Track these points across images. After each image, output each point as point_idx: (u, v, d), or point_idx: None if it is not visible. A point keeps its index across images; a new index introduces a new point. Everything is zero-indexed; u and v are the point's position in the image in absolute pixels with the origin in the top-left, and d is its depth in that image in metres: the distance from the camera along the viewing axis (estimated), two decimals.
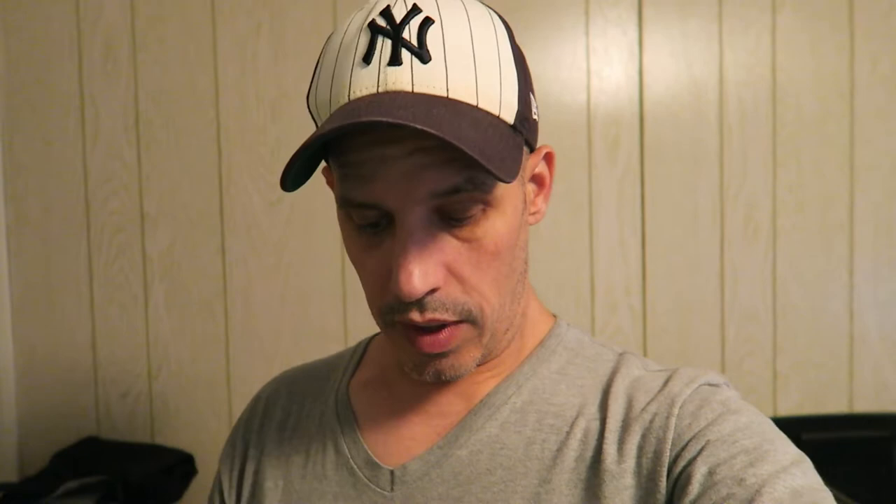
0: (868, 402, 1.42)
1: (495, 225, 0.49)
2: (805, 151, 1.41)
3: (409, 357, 0.52)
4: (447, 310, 0.49)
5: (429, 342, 0.49)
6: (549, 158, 0.57)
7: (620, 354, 0.58)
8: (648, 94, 1.40)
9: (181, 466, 1.30)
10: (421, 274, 0.46)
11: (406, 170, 0.46)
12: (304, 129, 1.37)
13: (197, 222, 1.37)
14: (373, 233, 0.49)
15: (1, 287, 1.36)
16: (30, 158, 1.37)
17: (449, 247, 0.48)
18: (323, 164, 0.55)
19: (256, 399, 0.69)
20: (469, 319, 0.50)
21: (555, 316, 0.62)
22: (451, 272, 0.49)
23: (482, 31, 0.48)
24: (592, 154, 1.40)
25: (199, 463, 1.34)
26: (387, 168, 0.46)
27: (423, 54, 0.46)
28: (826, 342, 1.42)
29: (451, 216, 0.48)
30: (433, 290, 0.48)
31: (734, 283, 1.42)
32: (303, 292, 1.39)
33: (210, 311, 1.38)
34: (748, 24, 1.40)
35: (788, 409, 1.41)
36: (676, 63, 1.40)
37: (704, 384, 0.52)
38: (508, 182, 0.45)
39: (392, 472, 0.55)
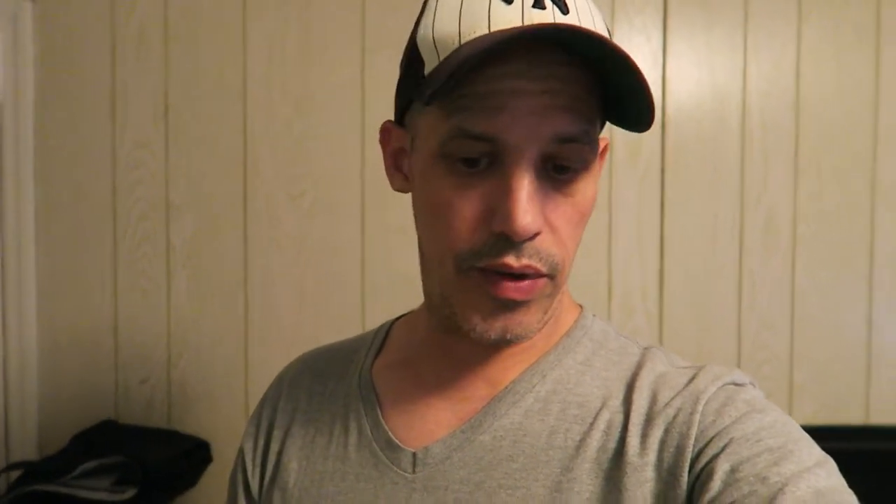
0: (885, 415, 1.41)
1: (587, 187, 0.51)
2: (827, 162, 1.41)
3: (477, 310, 0.51)
4: (540, 259, 0.49)
5: (513, 287, 0.48)
6: (605, 150, 0.58)
7: (645, 349, 0.58)
8: (671, 101, 1.41)
9: (197, 453, 1.31)
10: (533, 213, 0.47)
11: (536, 106, 0.46)
12: (329, 125, 1.39)
13: (220, 212, 1.39)
14: (468, 172, 0.49)
15: (27, 269, 1.38)
16: (60, 143, 1.40)
17: (550, 196, 0.49)
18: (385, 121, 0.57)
19: (280, 378, 0.70)
20: (552, 274, 0.50)
21: (580, 306, 0.63)
22: (548, 223, 0.49)
23: (595, 2, 0.52)
24: (614, 157, 1.41)
25: (215, 451, 1.35)
26: (517, 102, 0.46)
27: (562, 5, 0.48)
28: (843, 353, 1.42)
29: (557, 166, 0.49)
30: (534, 235, 0.48)
31: (752, 291, 1.41)
32: (322, 285, 1.40)
33: (230, 300, 1.40)
34: (773, 34, 1.41)
35: (803, 419, 1.40)
36: (700, 71, 1.41)
37: (730, 383, 0.52)
38: (645, 130, 0.48)
39: (414, 454, 0.56)
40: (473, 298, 0.50)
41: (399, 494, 0.55)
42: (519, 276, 0.49)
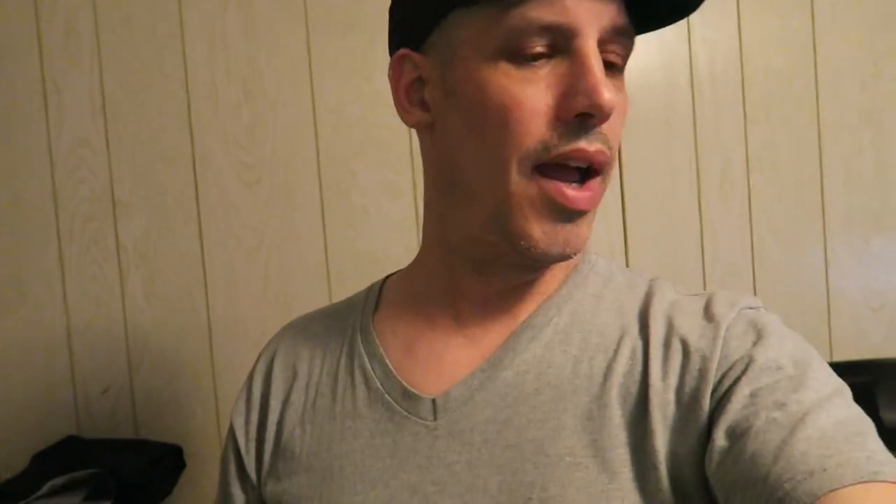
0: (847, 351, 1.46)
1: (624, 85, 0.52)
2: (774, 108, 1.44)
3: (539, 222, 0.50)
4: (608, 146, 0.49)
5: (579, 198, 0.49)
6: None
7: (651, 280, 0.58)
8: None
9: (170, 459, 1.25)
10: (609, 86, 0.47)
11: None
12: (279, 107, 1.34)
13: (172, 207, 1.33)
14: (533, 65, 0.48)
15: None
16: None
17: None
18: (399, 52, 0.54)
19: (268, 349, 0.67)
20: (606, 173, 0.50)
21: None
22: None
23: None
24: None
25: (188, 455, 1.29)
26: None
27: None
28: (804, 294, 1.46)
29: (609, 59, 0.49)
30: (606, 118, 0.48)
31: (714, 241, 1.44)
32: (285, 274, 1.36)
33: (190, 298, 1.34)
34: None
35: None
36: None
37: (745, 307, 0.52)
38: (690, 11, 0.51)
39: (434, 401, 0.54)
40: (534, 210, 0.49)
41: (421, 444, 0.53)
42: (582, 179, 0.49)
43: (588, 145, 0.48)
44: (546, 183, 0.49)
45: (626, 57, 0.51)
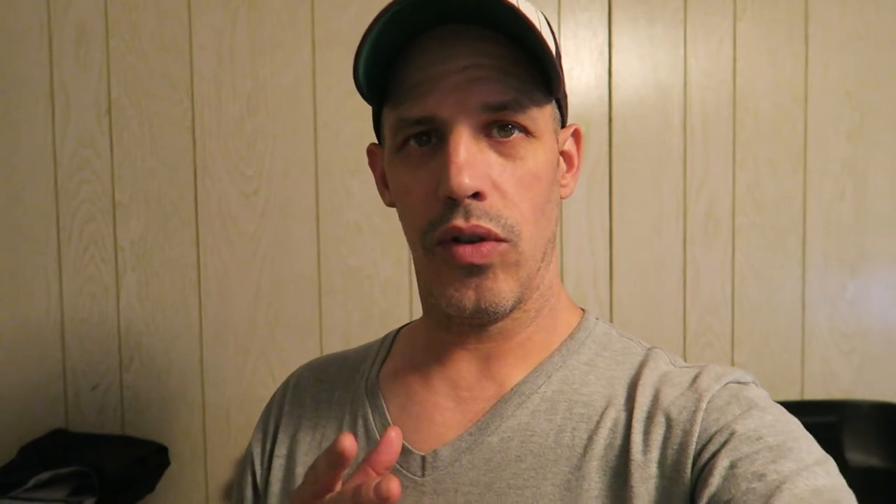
0: (817, 390, 1.50)
1: (536, 151, 0.53)
2: (762, 153, 1.48)
3: (449, 283, 0.53)
4: (490, 220, 0.51)
5: (470, 251, 0.51)
6: (577, 136, 0.61)
7: (649, 349, 0.59)
8: (617, 95, 1.45)
9: (155, 457, 1.29)
10: (469, 171, 0.50)
11: (459, 82, 0.50)
12: (280, 122, 1.38)
13: (171, 212, 1.37)
14: (420, 153, 0.53)
15: None
16: None
17: (494, 161, 0.52)
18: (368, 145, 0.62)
19: (286, 384, 0.70)
20: (510, 238, 0.52)
21: (583, 310, 0.64)
22: (496, 187, 0.52)
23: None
24: None
25: (172, 454, 1.33)
26: (441, 82, 0.51)
27: None
28: (780, 333, 1.50)
29: (497, 132, 0.52)
30: (478, 196, 0.51)
31: (696, 278, 1.48)
32: (277, 284, 1.39)
33: (183, 301, 1.37)
34: (710, 30, 1.47)
35: None
36: (643, 66, 1.46)
37: (733, 381, 0.53)
38: (556, 92, 0.52)
39: (423, 458, 0.56)
40: (442, 273, 0.53)
41: (409, 498, 0.55)
42: (478, 241, 0.51)
43: (463, 222, 0.51)
44: (443, 249, 0.52)
45: (522, 125, 0.52)
